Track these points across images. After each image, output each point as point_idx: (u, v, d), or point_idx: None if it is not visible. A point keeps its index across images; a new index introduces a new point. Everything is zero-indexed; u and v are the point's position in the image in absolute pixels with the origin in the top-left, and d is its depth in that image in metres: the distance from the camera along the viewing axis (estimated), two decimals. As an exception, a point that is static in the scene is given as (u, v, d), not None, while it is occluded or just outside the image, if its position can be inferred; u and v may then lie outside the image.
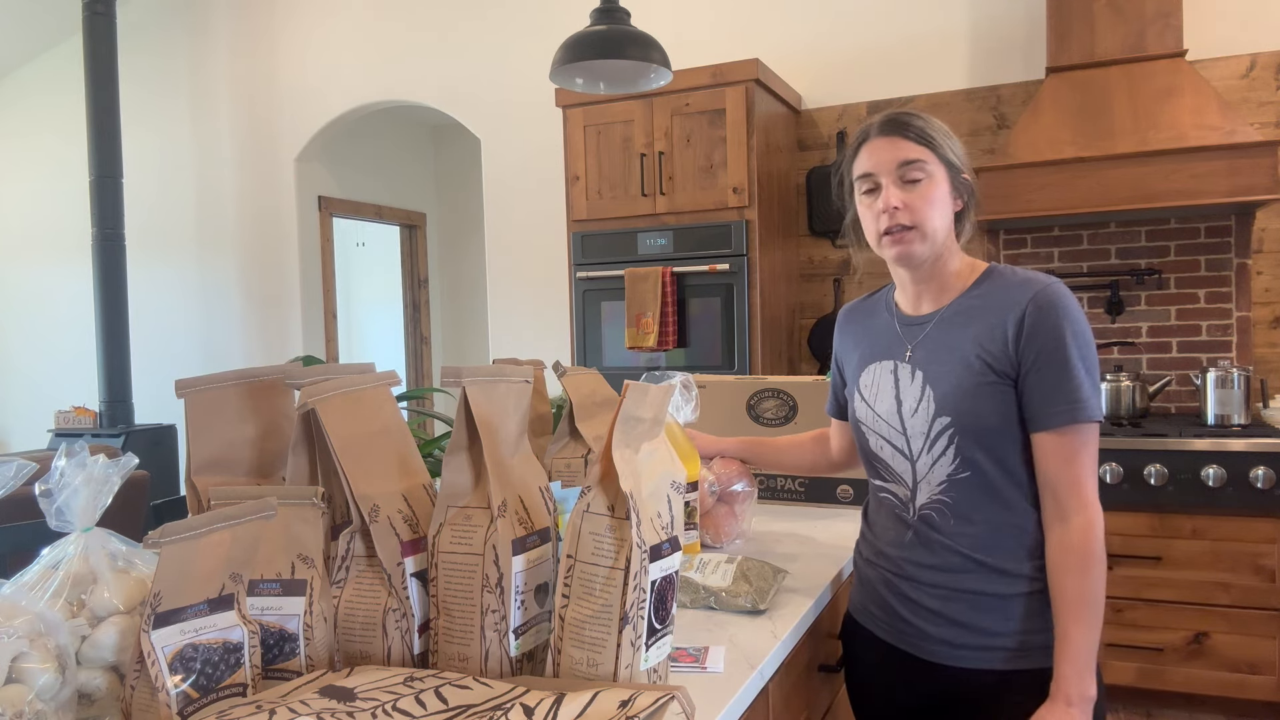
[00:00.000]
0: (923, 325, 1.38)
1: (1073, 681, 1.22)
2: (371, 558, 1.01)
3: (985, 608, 1.30)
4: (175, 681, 0.84)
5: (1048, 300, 1.27)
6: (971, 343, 1.30)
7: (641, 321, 3.62)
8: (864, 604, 1.46)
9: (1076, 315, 1.27)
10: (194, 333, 5.62)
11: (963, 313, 1.34)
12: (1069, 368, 1.25)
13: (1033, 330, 1.26)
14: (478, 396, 0.99)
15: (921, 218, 1.30)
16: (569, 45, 2.14)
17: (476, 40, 4.69)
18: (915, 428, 1.34)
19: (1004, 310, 1.29)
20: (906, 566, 1.37)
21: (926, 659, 1.35)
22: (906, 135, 1.31)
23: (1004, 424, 1.28)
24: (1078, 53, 3.31)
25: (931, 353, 1.35)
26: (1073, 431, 1.25)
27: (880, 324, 1.45)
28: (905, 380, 1.36)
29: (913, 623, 1.36)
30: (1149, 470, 2.96)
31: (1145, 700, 3.08)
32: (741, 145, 3.54)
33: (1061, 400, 1.25)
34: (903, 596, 1.37)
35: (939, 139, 1.32)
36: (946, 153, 1.32)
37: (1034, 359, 1.26)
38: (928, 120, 1.34)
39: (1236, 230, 3.39)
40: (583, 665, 0.92)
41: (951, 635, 1.32)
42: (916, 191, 1.31)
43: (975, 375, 1.29)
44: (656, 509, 0.98)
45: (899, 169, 1.31)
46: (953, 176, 1.34)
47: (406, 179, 6.45)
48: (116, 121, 5.16)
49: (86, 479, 0.95)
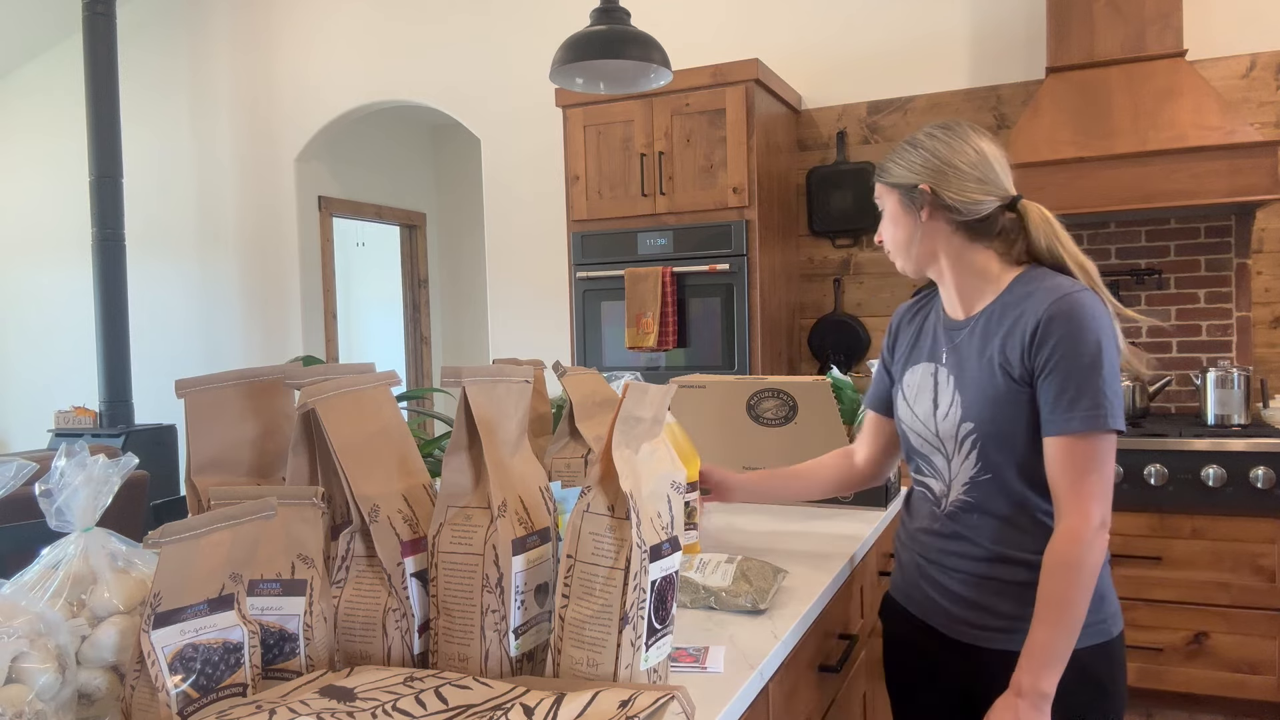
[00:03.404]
0: (960, 330, 1.43)
1: (1025, 674, 1.26)
2: (371, 558, 1.01)
3: (1003, 594, 1.37)
4: (175, 681, 0.84)
5: (1062, 310, 1.29)
6: (995, 350, 1.35)
7: (641, 321, 3.63)
8: (901, 584, 1.55)
9: (1093, 326, 1.28)
10: (194, 333, 5.62)
11: (993, 319, 1.38)
12: (1073, 377, 1.27)
13: (1044, 338, 1.29)
14: (478, 396, 0.99)
15: (886, 241, 1.48)
16: (569, 45, 2.14)
17: (477, 40, 4.69)
18: (946, 430, 1.41)
19: (1024, 317, 1.33)
20: (935, 554, 1.46)
21: (954, 637, 1.43)
22: (875, 176, 1.49)
23: (1024, 430, 1.33)
24: (1078, 53, 3.31)
25: (963, 358, 1.40)
26: (1076, 440, 1.27)
27: (928, 326, 1.51)
28: (943, 384, 1.43)
29: (940, 604, 1.45)
30: (1149, 470, 2.96)
31: (1145, 700, 3.08)
32: (741, 145, 3.54)
33: (1063, 409, 1.27)
34: (931, 580, 1.47)
35: (891, 167, 1.44)
36: (893, 177, 1.44)
37: (1043, 366, 1.29)
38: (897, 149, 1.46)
39: (1236, 230, 3.39)
40: (583, 665, 0.92)
41: (973, 617, 1.40)
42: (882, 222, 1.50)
43: (997, 383, 1.34)
44: (656, 509, 0.98)
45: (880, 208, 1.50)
46: (903, 194, 1.42)
47: (406, 179, 6.45)
48: (116, 121, 5.15)
49: (86, 479, 0.95)
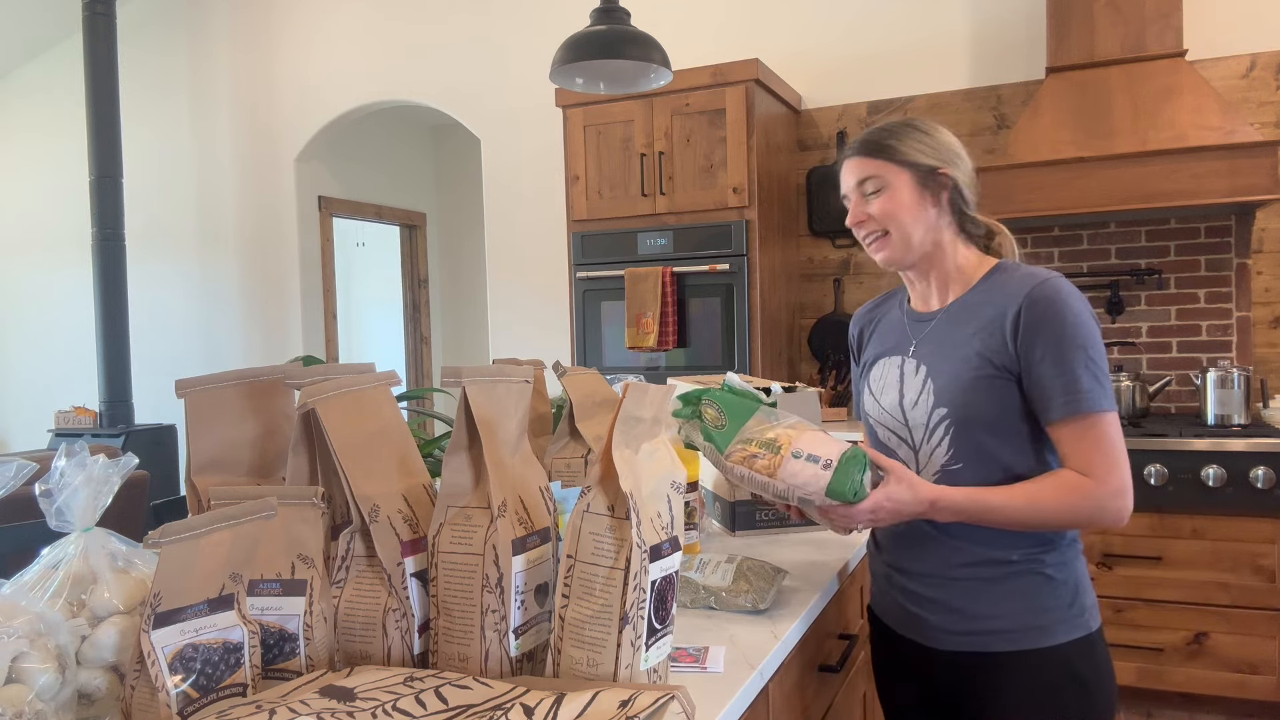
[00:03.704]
0: (929, 321, 1.42)
1: (942, 491, 1.27)
2: (371, 558, 1.01)
3: (976, 593, 1.34)
4: (175, 681, 0.84)
5: (1043, 295, 1.29)
6: (972, 337, 1.34)
7: (641, 321, 3.62)
8: (877, 597, 1.52)
9: (1076, 308, 1.28)
10: (194, 333, 5.62)
11: (967, 308, 1.38)
12: (1064, 361, 1.26)
13: (1029, 324, 1.28)
14: (478, 396, 0.99)
15: (887, 222, 1.38)
16: (569, 45, 2.14)
17: (477, 40, 4.69)
18: (916, 419, 1.38)
19: (1003, 305, 1.32)
20: (903, 556, 1.42)
21: (931, 645, 1.39)
22: (861, 152, 1.40)
23: (1002, 417, 1.31)
24: (1078, 53, 3.31)
25: (935, 347, 1.39)
26: (1080, 422, 1.26)
27: (892, 321, 1.50)
28: (910, 374, 1.40)
29: (913, 611, 1.41)
30: (1149, 470, 2.96)
31: (1145, 700, 3.08)
32: (741, 145, 3.54)
33: (1060, 393, 1.27)
34: (901, 588, 1.43)
35: (898, 145, 1.38)
36: (907, 155, 1.37)
37: (1031, 353, 1.28)
38: (889, 127, 1.40)
39: (1236, 230, 3.39)
40: (583, 665, 0.92)
41: (948, 622, 1.37)
42: (875, 202, 1.39)
43: (973, 369, 1.32)
44: (656, 509, 0.98)
45: (858, 186, 1.41)
46: (919, 176, 1.37)
47: (406, 179, 6.45)
48: (116, 121, 5.15)
49: (86, 479, 0.95)
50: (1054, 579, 1.33)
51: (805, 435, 1.28)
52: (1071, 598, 1.34)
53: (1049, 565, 1.34)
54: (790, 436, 1.27)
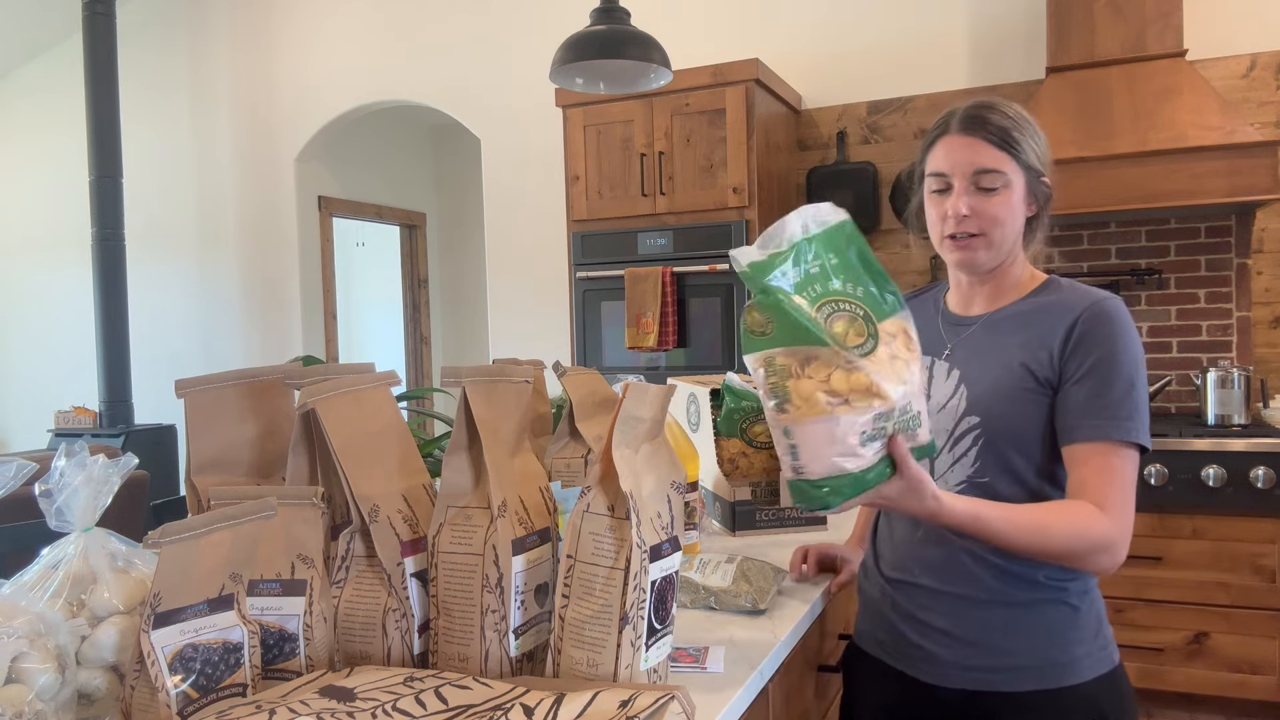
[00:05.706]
0: (968, 326, 1.34)
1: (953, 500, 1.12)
2: (371, 558, 1.00)
3: (1000, 623, 1.24)
4: (175, 681, 0.84)
5: (1104, 311, 1.21)
6: (1018, 348, 1.26)
7: (641, 321, 3.62)
8: (869, 629, 1.40)
9: (1133, 335, 1.21)
10: (194, 333, 5.62)
11: (1013, 318, 1.29)
12: (1111, 383, 1.18)
13: (1081, 341, 1.21)
14: (477, 397, 0.99)
15: (990, 227, 1.24)
16: (569, 45, 2.14)
17: (476, 40, 4.69)
18: (940, 424, 1.29)
19: (1057, 319, 1.24)
20: (915, 570, 1.31)
21: (935, 683, 1.28)
22: (988, 137, 1.23)
23: (1034, 433, 1.23)
24: (1078, 53, 3.31)
25: (973, 353, 1.30)
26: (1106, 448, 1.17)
27: (925, 319, 1.39)
28: (940, 377, 1.32)
29: (916, 642, 1.30)
30: (1149, 470, 2.96)
31: (1145, 700, 3.08)
32: (741, 145, 3.54)
33: (1094, 414, 1.18)
34: (908, 616, 1.31)
35: (1023, 141, 1.24)
36: (1028, 156, 1.25)
37: (1077, 370, 1.20)
38: (1014, 117, 1.25)
39: (1236, 230, 3.39)
40: (583, 665, 0.92)
41: (962, 655, 1.25)
42: (990, 200, 1.24)
43: (1016, 380, 1.24)
44: (656, 509, 0.98)
45: (974, 175, 1.24)
46: (1030, 181, 1.26)
47: (406, 179, 6.45)
48: (116, 121, 5.15)
49: (86, 479, 0.95)
50: (1079, 609, 1.24)
51: None
52: (1096, 628, 1.25)
53: (1073, 594, 1.24)
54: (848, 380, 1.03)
